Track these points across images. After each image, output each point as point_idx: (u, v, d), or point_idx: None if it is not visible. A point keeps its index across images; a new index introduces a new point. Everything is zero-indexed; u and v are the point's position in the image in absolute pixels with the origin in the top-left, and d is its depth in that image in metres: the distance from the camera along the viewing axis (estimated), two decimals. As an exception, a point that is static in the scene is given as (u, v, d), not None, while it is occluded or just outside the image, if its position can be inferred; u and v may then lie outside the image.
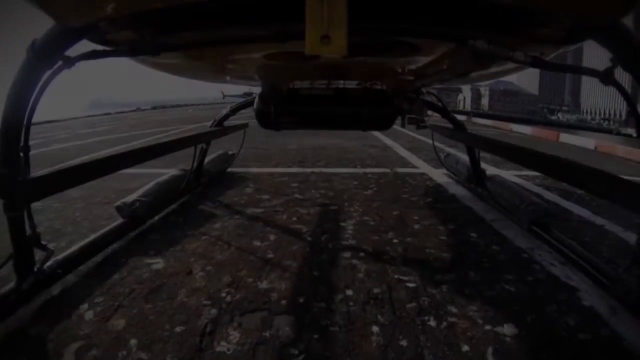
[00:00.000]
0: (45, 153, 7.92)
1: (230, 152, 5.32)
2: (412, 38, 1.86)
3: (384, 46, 2.03)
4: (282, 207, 3.69)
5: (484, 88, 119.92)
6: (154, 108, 60.63)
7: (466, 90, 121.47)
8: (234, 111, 4.45)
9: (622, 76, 1.99)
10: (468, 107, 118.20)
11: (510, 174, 5.24)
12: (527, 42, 1.64)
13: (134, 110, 49.12)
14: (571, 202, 4.02)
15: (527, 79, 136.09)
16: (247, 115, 4.37)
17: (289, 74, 3.24)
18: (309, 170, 5.36)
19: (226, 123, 4.51)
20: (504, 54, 1.62)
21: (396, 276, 2.28)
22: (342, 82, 3.66)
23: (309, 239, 2.89)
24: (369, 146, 7.97)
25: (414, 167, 5.79)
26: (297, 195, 4.07)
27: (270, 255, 2.58)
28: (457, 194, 4.20)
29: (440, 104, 4.13)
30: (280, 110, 3.67)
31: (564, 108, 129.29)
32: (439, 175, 5.11)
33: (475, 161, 4.15)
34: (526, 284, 2.24)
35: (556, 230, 2.84)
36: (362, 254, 2.59)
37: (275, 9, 1.56)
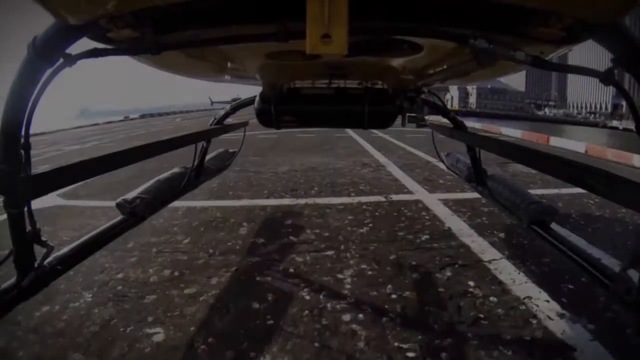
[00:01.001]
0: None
1: (231, 150, 5.29)
2: (413, 37, 1.90)
3: (384, 45, 2.05)
4: (278, 254, 3.70)
5: (471, 87, 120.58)
6: (142, 117, 60.47)
7: (454, 90, 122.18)
8: (234, 109, 4.47)
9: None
10: (456, 106, 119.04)
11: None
12: (528, 41, 1.63)
13: (122, 120, 49.00)
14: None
15: (513, 76, 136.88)
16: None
17: (290, 73, 3.28)
18: (302, 201, 5.35)
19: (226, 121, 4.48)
20: (504, 54, 1.62)
21: (396, 344, 2.29)
22: (342, 81, 3.67)
23: (308, 297, 2.90)
24: (361, 165, 7.97)
25: (408, 192, 5.80)
26: (292, 238, 4.06)
27: (270, 322, 2.57)
28: (453, 227, 4.25)
29: (440, 103, 4.16)
30: (280, 109, 3.69)
31: (551, 103, 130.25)
32: (434, 203, 5.14)
33: (475, 160, 4.18)
34: (523, 345, 2.31)
35: (556, 230, 2.88)
36: (361, 316, 2.60)
37: (276, 8, 1.56)
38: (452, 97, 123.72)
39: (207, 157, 4.48)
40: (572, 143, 13.88)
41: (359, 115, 3.69)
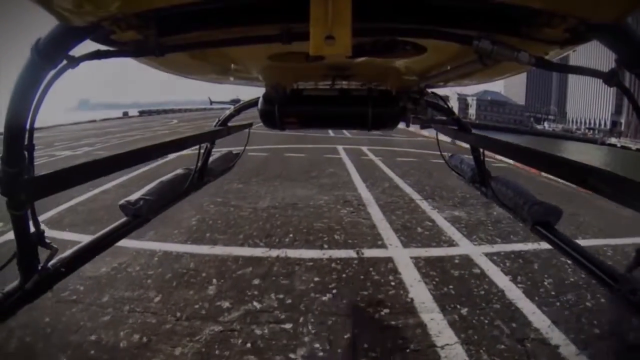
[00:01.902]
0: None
1: (234, 152, 5.41)
2: (416, 38, 1.91)
3: (388, 46, 2.05)
4: (239, 323, 3.76)
5: (471, 98, 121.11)
6: (141, 114, 60.16)
7: (453, 100, 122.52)
8: (238, 111, 4.54)
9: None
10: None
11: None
12: (532, 42, 1.64)
13: (120, 118, 48.75)
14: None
15: (513, 89, 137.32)
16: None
17: (293, 74, 3.32)
18: (274, 254, 5.40)
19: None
20: (508, 55, 1.65)
21: None
22: (346, 82, 3.71)
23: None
24: (342, 203, 7.96)
25: (382, 245, 5.81)
26: (255, 304, 4.11)
27: None
28: (416, 299, 4.25)
29: (444, 104, 4.22)
30: (284, 110, 3.71)
31: (550, 117, 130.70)
32: (404, 263, 5.16)
33: (479, 161, 4.28)
34: None
35: (560, 231, 2.93)
36: None
37: (280, 9, 1.58)
38: (451, 107, 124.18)
39: (211, 159, 4.58)
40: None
41: (362, 117, 3.69)
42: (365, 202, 7.96)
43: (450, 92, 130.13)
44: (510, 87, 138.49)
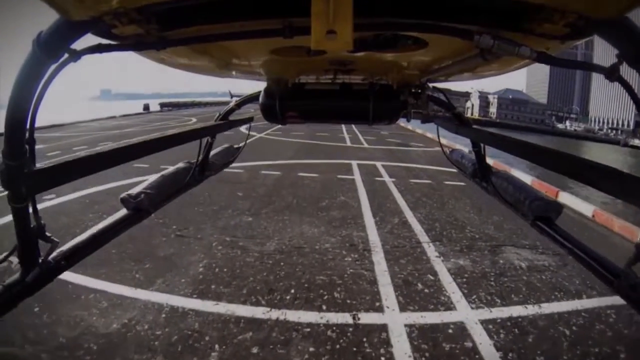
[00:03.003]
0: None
1: (235, 146, 5.42)
2: (418, 33, 1.94)
3: (389, 41, 2.09)
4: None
5: (492, 96, 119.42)
6: (162, 109, 60.40)
7: (475, 97, 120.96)
8: (239, 105, 4.57)
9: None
10: (476, 115, 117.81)
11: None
12: (532, 37, 1.66)
13: (139, 114, 49.04)
14: None
15: (535, 87, 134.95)
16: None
17: (295, 68, 3.37)
18: (274, 316, 5.59)
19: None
20: (509, 50, 1.67)
21: None
22: (347, 76, 3.80)
23: None
24: (347, 247, 8.05)
25: (380, 308, 5.91)
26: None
27: None
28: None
29: (445, 99, 4.24)
30: (285, 104, 3.75)
31: (572, 115, 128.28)
32: (398, 333, 5.27)
33: (480, 156, 4.31)
34: None
35: (561, 226, 2.95)
36: None
37: (281, 3, 1.60)
38: (472, 104, 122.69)
39: (212, 153, 4.61)
40: (580, 204, 12.61)
41: (363, 111, 3.71)
42: (372, 246, 8.09)
43: (472, 90, 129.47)
44: (532, 85, 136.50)
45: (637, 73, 1.56)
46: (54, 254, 2.19)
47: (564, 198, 13.04)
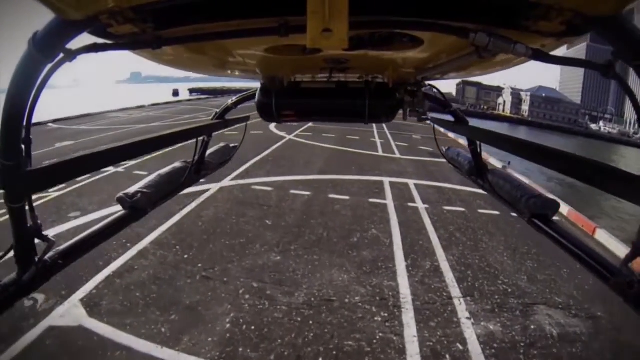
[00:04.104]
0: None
1: (232, 145, 5.45)
2: (413, 31, 1.94)
3: (385, 39, 2.10)
4: None
5: (525, 93, 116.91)
6: (191, 94, 60.43)
7: (507, 94, 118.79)
8: (235, 104, 4.59)
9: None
10: (508, 112, 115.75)
11: None
12: (529, 35, 1.66)
13: (168, 103, 49.21)
14: None
15: (569, 85, 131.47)
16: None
17: (290, 67, 3.36)
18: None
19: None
20: (505, 47, 1.67)
21: None
22: (343, 75, 3.76)
23: None
24: (379, 301, 7.65)
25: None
26: None
27: None
28: None
29: (442, 97, 4.22)
30: (281, 103, 3.79)
31: (607, 116, 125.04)
32: None
33: (476, 154, 4.32)
34: None
35: (557, 223, 2.97)
36: None
37: (277, 2, 1.61)
38: (504, 101, 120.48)
39: (208, 152, 4.61)
40: (620, 249, 11.46)
41: (359, 109, 3.75)
42: (402, 301, 7.72)
43: (505, 86, 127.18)
44: (566, 83, 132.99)
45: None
46: (51, 253, 2.19)
47: (601, 236, 12.26)
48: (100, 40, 1.82)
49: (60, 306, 6.68)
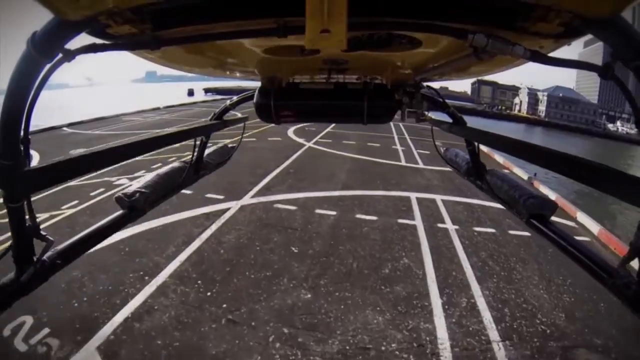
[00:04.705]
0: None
1: (230, 145, 5.43)
2: (411, 32, 1.93)
3: (383, 40, 2.09)
4: None
5: (542, 93, 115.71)
6: (206, 94, 60.15)
7: (524, 94, 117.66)
8: (233, 105, 4.64)
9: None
10: (524, 112, 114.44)
11: None
12: (527, 36, 1.66)
13: (183, 105, 48.99)
14: None
15: (586, 84, 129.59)
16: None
17: (289, 68, 3.40)
18: None
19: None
20: (503, 49, 1.67)
21: None
22: (342, 76, 3.81)
23: None
24: (416, 348, 7.01)
25: None
26: None
27: None
28: None
29: (440, 98, 4.20)
30: (280, 104, 3.77)
31: (624, 115, 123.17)
32: None
33: (474, 155, 4.33)
34: None
35: (555, 224, 2.94)
36: None
37: (276, 3, 1.59)
38: (520, 101, 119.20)
39: (207, 152, 4.65)
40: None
41: (357, 110, 3.74)
42: (440, 348, 7.08)
43: (521, 85, 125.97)
44: (583, 81, 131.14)
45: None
46: (49, 252, 2.19)
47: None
48: (99, 41, 1.81)
49: (76, 354, 6.18)
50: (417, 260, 10.40)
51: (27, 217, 2.01)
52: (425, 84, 3.94)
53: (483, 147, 4.13)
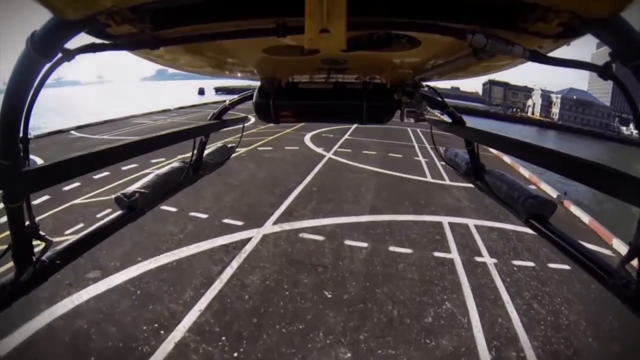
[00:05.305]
0: None
1: (229, 145, 5.41)
2: (411, 32, 1.91)
3: (382, 40, 2.06)
4: None
5: (556, 96, 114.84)
6: (216, 93, 59.77)
7: (537, 96, 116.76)
8: (232, 104, 4.63)
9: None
10: (537, 115, 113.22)
11: None
12: (526, 36, 1.64)
13: (194, 106, 48.75)
14: None
15: (599, 86, 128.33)
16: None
17: (288, 68, 3.37)
18: None
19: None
20: (502, 49, 1.66)
21: None
22: (341, 76, 3.78)
23: None
24: None
25: None
26: None
27: None
28: None
29: (439, 98, 4.18)
30: (279, 104, 3.78)
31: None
32: None
33: (474, 155, 4.32)
34: None
35: (554, 224, 2.93)
36: None
37: (275, 3, 1.59)
38: (533, 103, 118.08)
39: (206, 152, 4.64)
40: None
41: (357, 110, 3.73)
42: None
43: (534, 87, 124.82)
44: (596, 82, 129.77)
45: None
46: (49, 252, 2.19)
47: None
48: (99, 40, 1.80)
49: None
50: (460, 304, 9.56)
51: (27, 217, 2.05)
52: (425, 83, 3.96)
53: (493, 150, 3.74)
